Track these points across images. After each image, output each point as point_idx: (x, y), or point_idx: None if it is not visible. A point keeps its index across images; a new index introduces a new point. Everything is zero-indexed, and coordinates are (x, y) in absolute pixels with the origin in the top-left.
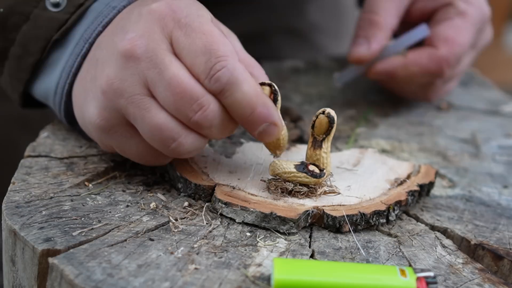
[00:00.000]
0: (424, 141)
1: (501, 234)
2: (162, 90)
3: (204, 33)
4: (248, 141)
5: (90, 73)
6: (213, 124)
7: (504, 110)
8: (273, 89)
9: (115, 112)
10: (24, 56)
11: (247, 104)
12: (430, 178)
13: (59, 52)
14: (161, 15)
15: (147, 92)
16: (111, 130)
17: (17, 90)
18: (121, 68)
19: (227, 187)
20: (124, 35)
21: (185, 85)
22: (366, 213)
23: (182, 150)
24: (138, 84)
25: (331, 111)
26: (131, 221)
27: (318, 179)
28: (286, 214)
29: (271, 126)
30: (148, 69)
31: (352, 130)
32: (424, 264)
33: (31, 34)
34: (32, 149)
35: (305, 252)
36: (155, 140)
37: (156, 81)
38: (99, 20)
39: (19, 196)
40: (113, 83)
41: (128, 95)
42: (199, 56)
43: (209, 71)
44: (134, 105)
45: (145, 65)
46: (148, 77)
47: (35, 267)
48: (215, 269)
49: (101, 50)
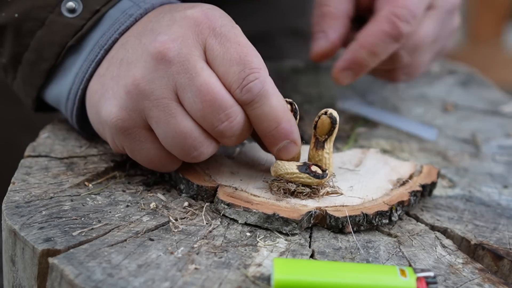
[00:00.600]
0: (424, 141)
1: (501, 234)
2: (191, 96)
3: (239, 44)
4: (250, 141)
5: (110, 71)
6: (234, 135)
7: (504, 110)
8: (294, 107)
9: (136, 113)
10: (38, 62)
11: (274, 118)
12: (432, 178)
13: (73, 58)
14: (196, 21)
15: (175, 97)
16: (127, 131)
17: (31, 95)
18: (150, 69)
19: (230, 188)
20: (155, 37)
21: (215, 94)
22: (369, 214)
23: (201, 158)
24: (166, 88)
25: (334, 112)
26: (131, 221)
27: (321, 180)
28: (288, 215)
29: (291, 144)
30: (179, 74)
31: (352, 130)
32: (424, 264)
33: (45, 40)
34: (32, 149)
35: (305, 252)
36: (177, 147)
37: (186, 87)
38: (116, 27)
39: (19, 196)
40: (140, 84)
41: (154, 97)
42: (233, 65)
43: (242, 81)
44: (160, 109)
45: (176, 69)
46: (178, 82)
47: (35, 267)
48: (215, 269)
49: (126, 50)
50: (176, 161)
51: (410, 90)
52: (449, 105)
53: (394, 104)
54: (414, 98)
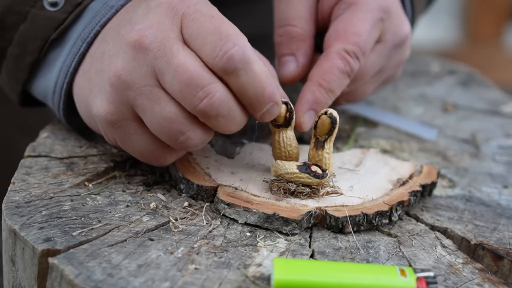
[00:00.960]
0: (424, 141)
1: (501, 234)
2: (169, 78)
3: (213, 16)
4: (250, 141)
5: (95, 66)
6: (219, 113)
7: (504, 110)
8: (289, 107)
9: (123, 105)
10: (22, 56)
11: (259, 83)
12: (432, 178)
13: (56, 51)
14: (170, 5)
15: (156, 83)
16: (117, 124)
17: (15, 89)
18: (129, 59)
19: (230, 188)
20: (132, 27)
21: (191, 72)
22: (369, 214)
23: (189, 144)
24: (147, 75)
25: (334, 112)
26: (131, 221)
27: (321, 180)
28: (289, 215)
29: (274, 106)
30: (156, 59)
31: (352, 130)
32: (424, 264)
33: (28, 33)
34: (32, 149)
35: (305, 252)
36: (163, 133)
37: (164, 70)
38: (97, 20)
39: (19, 196)
40: (122, 75)
41: (137, 86)
42: (209, 36)
43: (219, 50)
44: (143, 97)
45: (153, 55)
46: (157, 67)
47: (35, 267)
48: (215, 269)
49: (107, 43)
50: (169, 154)
51: (410, 90)
52: (449, 105)
53: (394, 104)
54: (414, 98)
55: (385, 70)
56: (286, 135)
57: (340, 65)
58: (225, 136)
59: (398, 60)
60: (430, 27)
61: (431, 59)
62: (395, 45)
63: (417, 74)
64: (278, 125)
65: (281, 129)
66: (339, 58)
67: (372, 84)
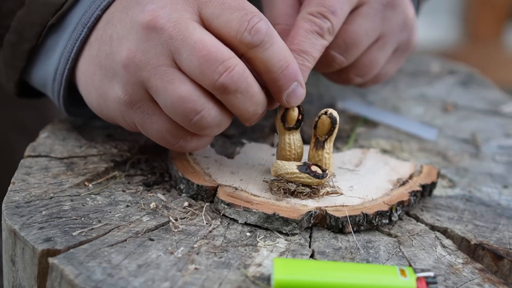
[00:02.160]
0: (424, 141)
1: (501, 234)
2: (187, 56)
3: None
4: (250, 141)
5: (103, 50)
6: (238, 88)
7: (504, 110)
8: (301, 110)
9: (138, 86)
10: (19, 43)
11: (284, 57)
12: (432, 178)
13: (55, 37)
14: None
15: (171, 63)
16: (135, 105)
17: (13, 78)
18: (142, 40)
19: (230, 188)
20: (142, 8)
21: (210, 47)
22: (369, 214)
23: (204, 124)
24: (161, 55)
25: (334, 112)
26: (131, 221)
27: (321, 180)
28: (289, 215)
29: (299, 87)
30: (172, 38)
31: (352, 130)
32: (424, 264)
33: (26, 19)
34: (32, 149)
35: (305, 252)
36: (177, 113)
37: (180, 48)
38: (97, 4)
39: (19, 196)
40: (135, 56)
41: (151, 67)
42: (234, 12)
43: (247, 23)
44: (157, 77)
45: (168, 35)
46: (172, 46)
47: (35, 267)
48: (215, 269)
49: (114, 26)
50: (188, 136)
51: (410, 90)
52: (449, 105)
53: (394, 104)
54: (414, 98)
55: (387, 35)
56: (296, 137)
57: (306, 26)
58: (226, 136)
59: (398, 22)
60: (430, 27)
61: (431, 59)
62: (384, 5)
63: (417, 74)
64: (290, 127)
65: (291, 131)
66: (303, 21)
67: (378, 53)
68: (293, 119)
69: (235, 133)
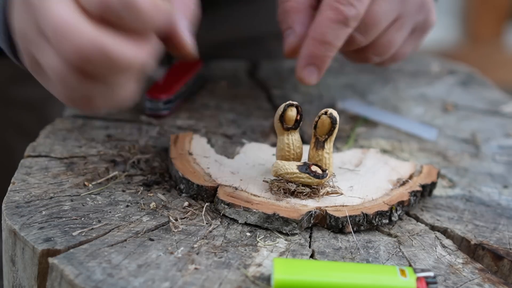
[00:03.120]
0: (424, 141)
1: (501, 234)
2: None
3: None
4: (250, 141)
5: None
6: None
7: (504, 110)
8: (300, 110)
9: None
10: None
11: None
12: (432, 178)
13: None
14: None
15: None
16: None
17: None
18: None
19: (230, 188)
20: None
21: None
22: (369, 214)
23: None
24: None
25: (334, 112)
26: (131, 221)
27: (321, 180)
28: (289, 215)
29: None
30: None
31: (352, 130)
32: (424, 264)
33: None
34: (32, 149)
35: (305, 252)
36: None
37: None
38: None
39: (19, 196)
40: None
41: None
42: None
43: None
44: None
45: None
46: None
47: (35, 267)
48: (215, 269)
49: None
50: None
51: (410, 90)
52: (449, 105)
53: (394, 104)
54: (414, 98)
55: (405, 16)
56: (295, 137)
57: (331, 15)
58: (226, 136)
59: (416, 3)
60: None
61: (431, 59)
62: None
63: (417, 74)
64: (289, 128)
65: (290, 131)
66: (329, 9)
67: (397, 33)
68: (291, 119)
69: (236, 133)
